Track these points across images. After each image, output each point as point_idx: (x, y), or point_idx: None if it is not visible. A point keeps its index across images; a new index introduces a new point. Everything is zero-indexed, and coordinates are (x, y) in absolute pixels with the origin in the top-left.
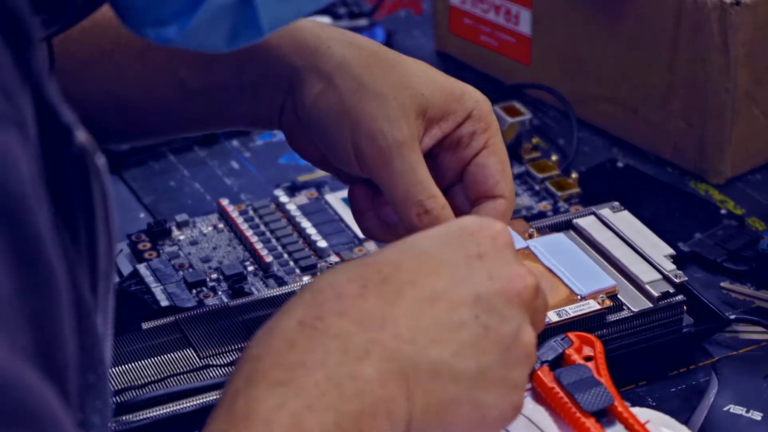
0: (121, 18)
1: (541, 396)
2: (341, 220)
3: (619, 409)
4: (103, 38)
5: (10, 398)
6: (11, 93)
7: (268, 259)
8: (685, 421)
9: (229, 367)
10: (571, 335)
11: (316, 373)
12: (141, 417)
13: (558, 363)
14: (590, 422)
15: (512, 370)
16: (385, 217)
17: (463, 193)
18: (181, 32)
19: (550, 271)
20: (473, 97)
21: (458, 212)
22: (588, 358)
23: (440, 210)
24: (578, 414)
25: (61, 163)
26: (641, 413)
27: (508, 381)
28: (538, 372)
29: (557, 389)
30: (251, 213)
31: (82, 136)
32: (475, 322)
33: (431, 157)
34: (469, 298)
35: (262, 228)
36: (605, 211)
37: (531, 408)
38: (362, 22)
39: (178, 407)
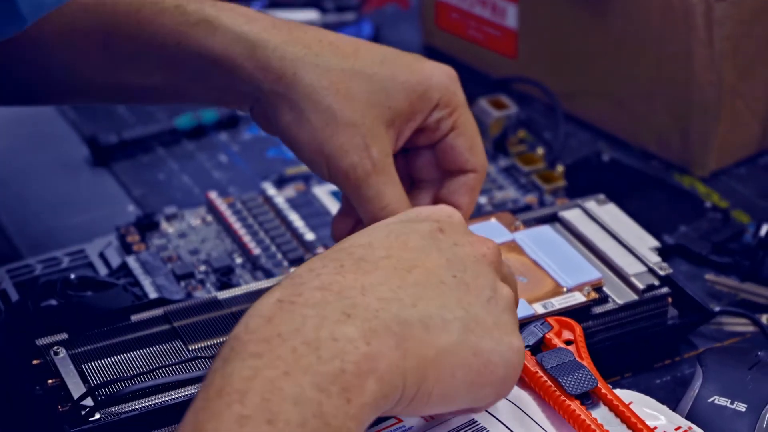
0: None
1: (524, 380)
2: (328, 213)
3: (603, 391)
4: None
5: None
6: None
7: (256, 251)
8: None
9: None
10: (551, 320)
11: (293, 341)
12: (129, 408)
13: (539, 347)
14: (575, 405)
15: (500, 315)
16: None
17: (432, 157)
18: None
19: (536, 263)
20: (438, 87)
21: (425, 172)
22: (568, 342)
23: None
24: (563, 397)
25: None
26: (623, 395)
27: (500, 325)
28: None
29: (540, 373)
30: (239, 206)
31: None
32: (453, 280)
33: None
34: (442, 262)
35: (250, 221)
36: (591, 204)
37: (514, 392)
38: (349, 16)
39: (166, 398)
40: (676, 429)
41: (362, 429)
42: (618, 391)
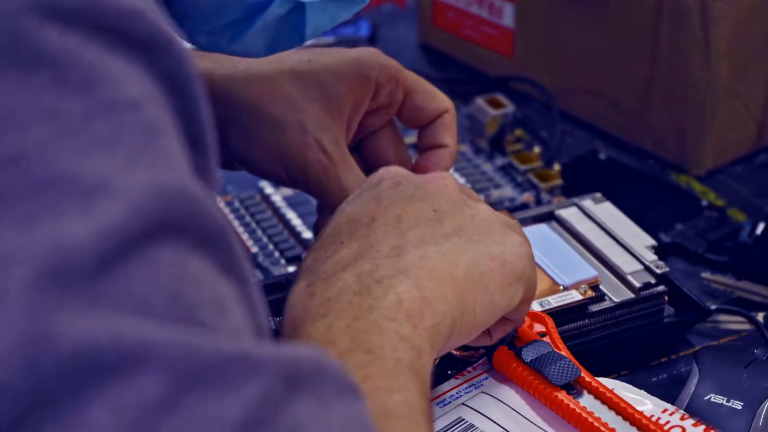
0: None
1: (504, 376)
2: None
3: (587, 379)
4: None
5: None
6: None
7: (254, 250)
8: None
9: None
10: None
11: (345, 297)
12: None
13: (513, 342)
14: (562, 395)
15: (489, 224)
16: None
17: (389, 134)
18: (232, 41)
19: None
20: (370, 65)
21: (386, 147)
22: (542, 334)
23: None
24: (548, 389)
25: None
26: (605, 383)
27: (495, 230)
28: (498, 352)
29: (522, 367)
30: (237, 205)
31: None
32: (435, 214)
33: (360, 124)
34: (418, 204)
35: (248, 219)
36: (587, 203)
37: (497, 388)
38: None
39: None
40: (663, 411)
41: (433, 354)
42: (599, 380)
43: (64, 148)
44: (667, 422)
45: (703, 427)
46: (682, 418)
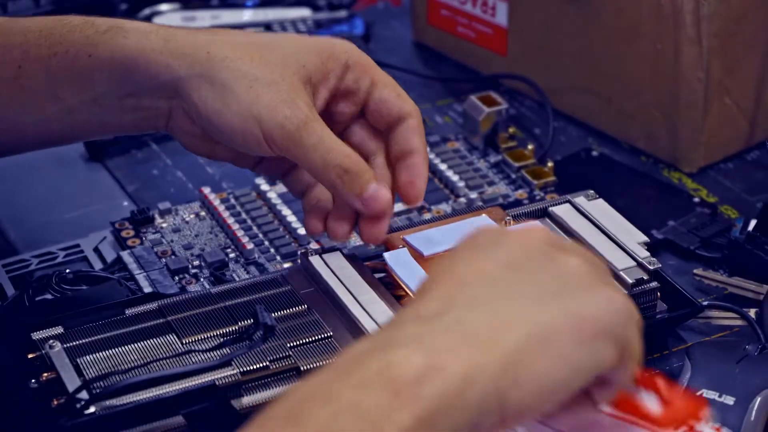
0: None
1: None
2: None
3: None
4: None
5: None
6: None
7: (249, 246)
8: None
9: (211, 353)
10: None
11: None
12: (124, 402)
13: None
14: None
15: (575, 280)
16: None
17: (364, 127)
18: None
19: None
20: (342, 49)
21: (365, 144)
22: None
23: (357, 165)
24: None
25: None
26: None
27: (579, 285)
28: None
29: None
30: (233, 201)
31: None
32: (502, 272)
33: (329, 112)
34: (483, 263)
35: (244, 216)
36: (580, 200)
37: None
38: (341, 13)
39: (160, 392)
40: None
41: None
42: None
43: None
44: None
45: None
46: None
